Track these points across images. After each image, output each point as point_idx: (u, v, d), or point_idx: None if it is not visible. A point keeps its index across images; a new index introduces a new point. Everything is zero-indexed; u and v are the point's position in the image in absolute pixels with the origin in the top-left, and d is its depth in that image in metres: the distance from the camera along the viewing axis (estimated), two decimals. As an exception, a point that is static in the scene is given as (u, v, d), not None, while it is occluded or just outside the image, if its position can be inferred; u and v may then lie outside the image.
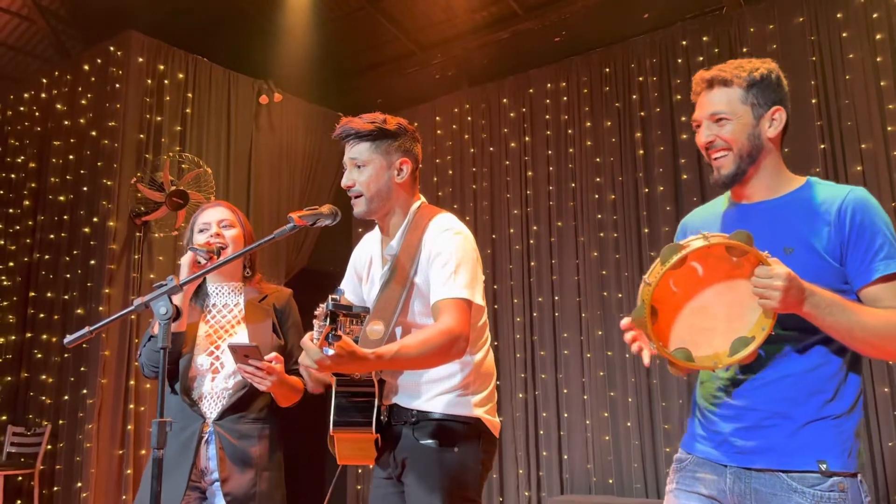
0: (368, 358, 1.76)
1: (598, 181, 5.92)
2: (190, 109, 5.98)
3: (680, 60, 5.66)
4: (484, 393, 2.12)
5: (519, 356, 6.04)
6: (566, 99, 6.20)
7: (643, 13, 5.87)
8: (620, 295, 5.66)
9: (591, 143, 6.02)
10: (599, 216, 5.87)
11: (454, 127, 6.80)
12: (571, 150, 6.10)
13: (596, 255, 5.83)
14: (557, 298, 5.97)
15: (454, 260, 2.01)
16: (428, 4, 6.46)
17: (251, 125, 6.44)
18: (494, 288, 6.27)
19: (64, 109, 6.09)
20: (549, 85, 6.31)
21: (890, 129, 4.82)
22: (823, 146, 5.00)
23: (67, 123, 6.03)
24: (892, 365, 4.59)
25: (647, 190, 5.70)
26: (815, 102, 5.05)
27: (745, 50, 5.27)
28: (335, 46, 6.76)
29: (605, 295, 5.75)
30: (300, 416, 2.59)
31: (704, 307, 1.60)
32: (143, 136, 5.67)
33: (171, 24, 5.98)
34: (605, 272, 5.77)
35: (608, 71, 6.03)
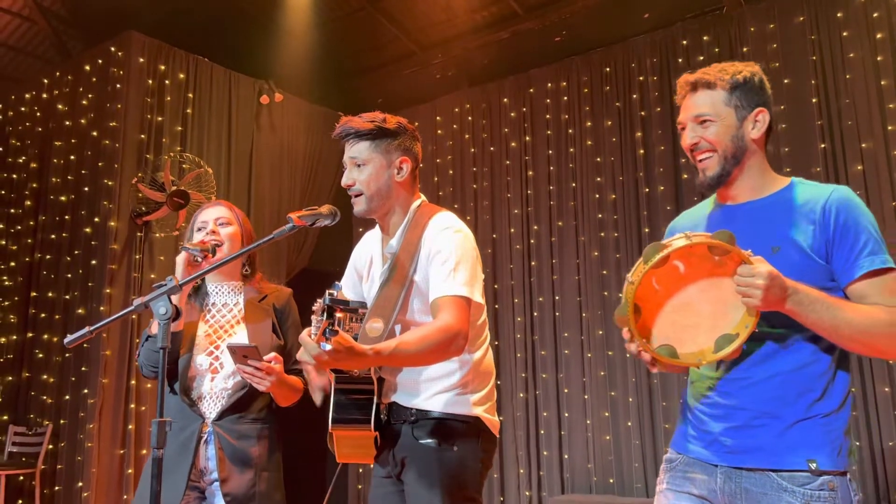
0: (366, 354, 1.75)
1: (598, 181, 5.92)
2: (191, 109, 5.98)
3: (680, 60, 5.65)
4: (483, 391, 2.11)
5: (519, 356, 6.05)
6: (566, 98, 6.20)
7: (643, 13, 5.87)
8: (621, 295, 5.65)
9: (591, 142, 6.02)
10: (600, 216, 5.87)
11: (454, 127, 6.81)
12: (572, 149, 6.10)
13: (596, 254, 5.83)
14: (558, 298, 5.97)
15: (454, 258, 2.01)
16: (428, 4, 6.45)
17: (252, 125, 6.45)
18: (495, 287, 6.27)
19: (65, 110, 6.10)
20: (549, 84, 6.31)
21: (890, 128, 4.81)
22: (824, 145, 4.98)
23: (68, 124, 6.03)
24: (892, 364, 4.58)
25: (647, 189, 5.71)
26: (815, 102, 5.03)
27: (745, 49, 5.26)
28: (336, 46, 6.76)
29: (605, 294, 5.74)
30: (300, 415, 2.59)
31: (688, 304, 1.61)
32: (144, 136, 5.67)
33: (171, 24, 5.99)
34: (605, 272, 5.78)
35: (608, 70, 6.03)
